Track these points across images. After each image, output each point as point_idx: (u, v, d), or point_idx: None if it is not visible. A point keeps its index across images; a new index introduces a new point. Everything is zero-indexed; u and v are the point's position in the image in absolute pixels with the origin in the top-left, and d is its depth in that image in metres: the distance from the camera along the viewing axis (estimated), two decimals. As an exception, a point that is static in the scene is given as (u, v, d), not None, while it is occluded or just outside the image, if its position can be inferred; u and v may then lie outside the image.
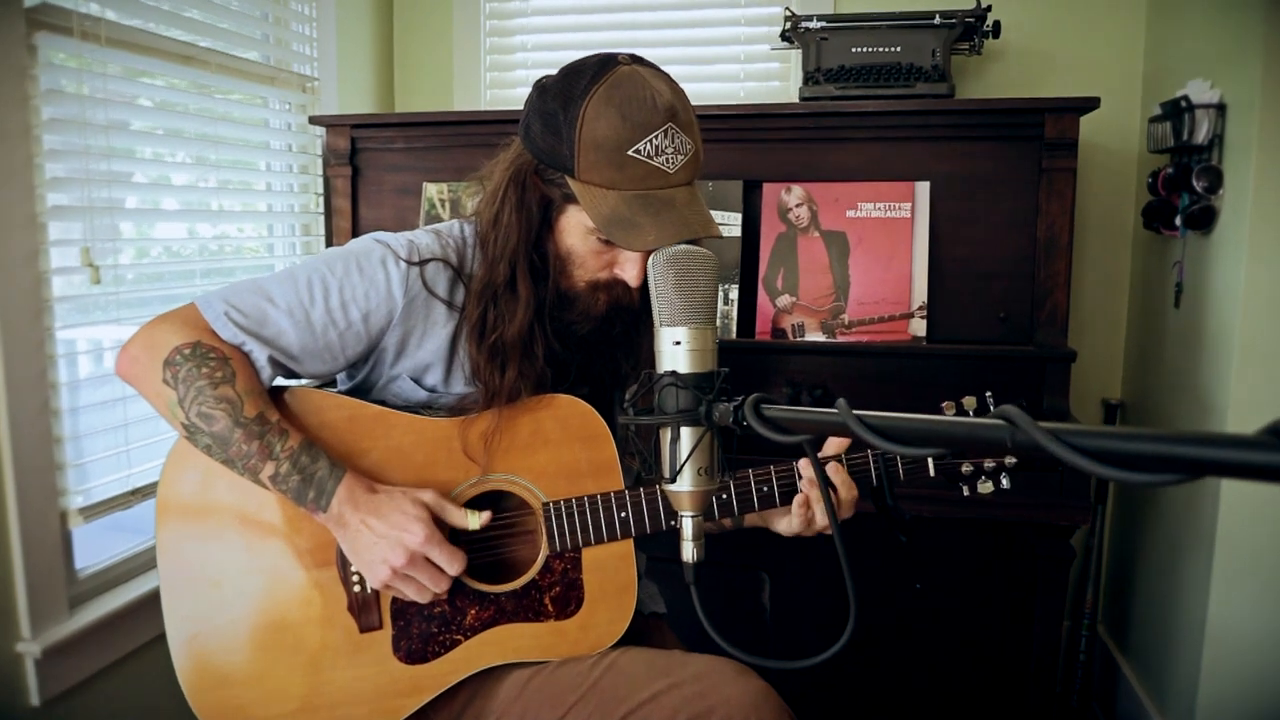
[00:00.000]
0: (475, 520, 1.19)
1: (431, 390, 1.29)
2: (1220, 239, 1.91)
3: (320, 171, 2.37)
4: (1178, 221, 2.01)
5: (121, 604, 1.75)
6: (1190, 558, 1.99)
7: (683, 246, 0.88)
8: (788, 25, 2.22)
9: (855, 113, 2.03)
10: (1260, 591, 1.84)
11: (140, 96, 1.88)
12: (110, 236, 1.75)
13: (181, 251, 2.10)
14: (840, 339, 1.99)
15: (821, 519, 1.25)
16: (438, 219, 2.20)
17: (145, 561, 1.87)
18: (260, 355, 1.20)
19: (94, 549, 1.79)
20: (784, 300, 2.03)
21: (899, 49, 2.14)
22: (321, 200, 2.37)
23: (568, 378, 1.30)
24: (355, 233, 2.26)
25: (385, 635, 1.23)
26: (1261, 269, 1.78)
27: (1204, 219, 1.93)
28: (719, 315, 2.06)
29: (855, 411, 0.61)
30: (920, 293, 1.98)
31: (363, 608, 1.23)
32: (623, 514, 1.26)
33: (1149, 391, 2.29)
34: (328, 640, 1.22)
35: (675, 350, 0.87)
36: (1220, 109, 1.89)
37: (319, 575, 1.23)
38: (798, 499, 1.25)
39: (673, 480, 0.85)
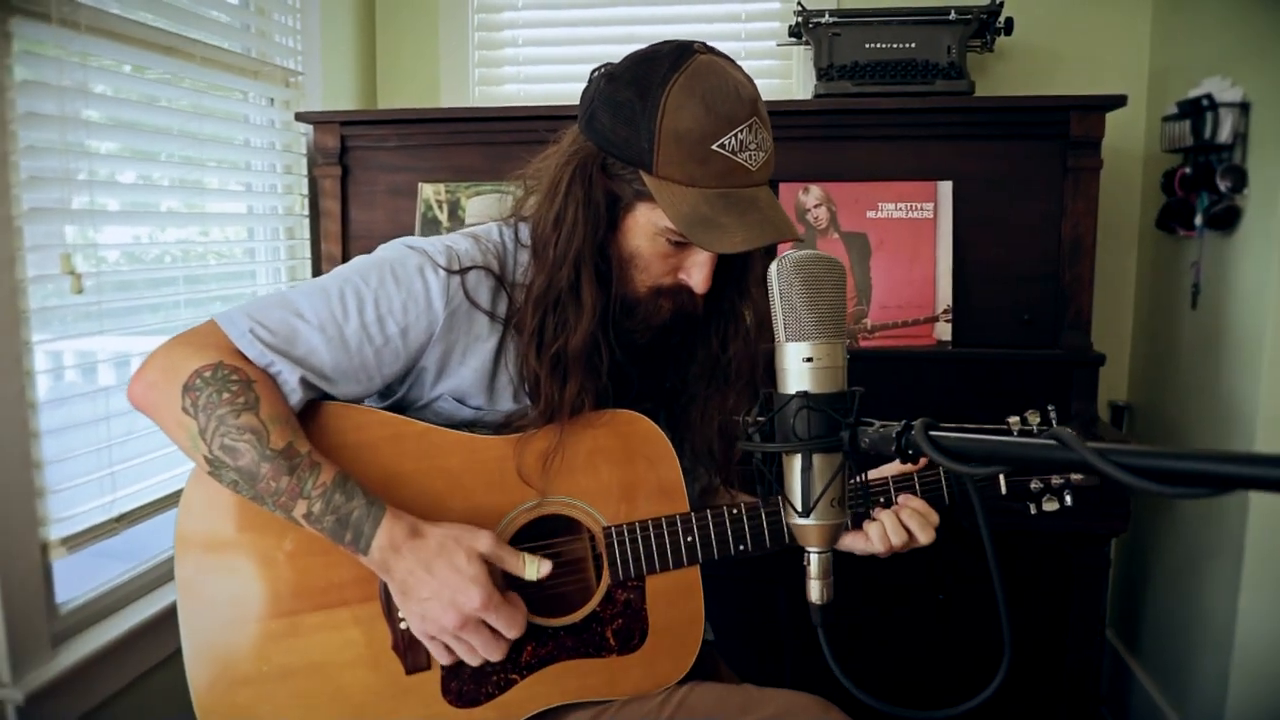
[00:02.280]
0: (535, 570, 1.09)
1: (477, 409, 1.19)
2: (1244, 239, 1.88)
3: (305, 171, 2.24)
4: (1197, 221, 1.98)
5: (109, 639, 1.61)
6: (1214, 563, 1.96)
7: (809, 252, 0.80)
8: (797, 21, 2.15)
9: (874, 110, 1.97)
10: (1293, 597, 1.82)
11: (122, 90, 1.74)
12: (91, 242, 1.61)
13: (163, 258, 1.95)
14: (863, 345, 1.93)
15: (897, 541, 1.18)
16: (435, 221, 2.09)
17: (132, 591, 1.73)
18: (291, 377, 1.08)
19: (75, 580, 1.65)
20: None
21: (913, 45, 2.08)
22: (307, 202, 2.24)
23: (629, 391, 1.20)
24: (345, 237, 2.14)
25: (434, 676, 1.13)
26: (1292, 269, 1.76)
27: (1227, 219, 1.90)
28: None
29: (1095, 445, 0.53)
30: (945, 296, 1.92)
31: (409, 646, 1.12)
32: (689, 539, 1.17)
33: (1161, 394, 2.27)
34: (371, 684, 1.11)
35: (803, 368, 0.78)
36: (1244, 107, 1.87)
37: (360, 611, 1.12)
38: (880, 526, 1.18)
39: (806, 514, 0.77)
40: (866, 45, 2.09)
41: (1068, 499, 1.32)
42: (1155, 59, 2.33)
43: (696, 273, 1.13)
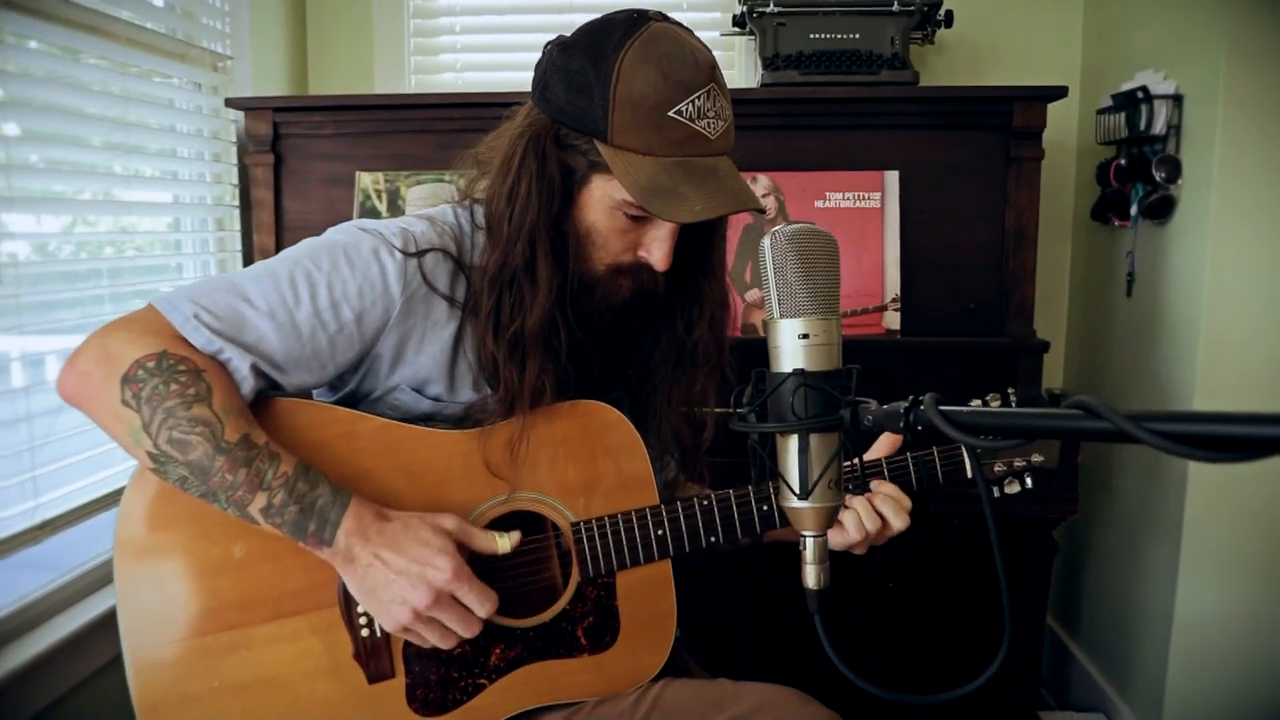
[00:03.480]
0: (506, 542, 1.05)
1: (436, 400, 1.14)
2: (1178, 228, 1.93)
3: (235, 160, 2.14)
4: (1132, 211, 2.03)
5: (35, 652, 1.50)
6: (1153, 543, 2.01)
7: (803, 225, 0.78)
8: (742, 11, 2.14)
9: (822, 99, 1.96)
10: (1229, 576, 1.87)
11: (37, 69, 1.63)
12: (5, 231, 1.50)
13: (79, 252, 1.84)
14: (814, 334, 1.92)
15: (872, 528, 1.16)
16: (373, 211, 2.01)
17: (58, 602, 1.62)
18: (241, 364, 1.02)
19: (-4, 593, 1.54)
20: (753, 294, 1.94)
21: (858, 36, 2.08)
22: (238, 191, 2.14)
23: (590, 377, 1.16)
24: (279, 228, 2.05)
25: (398, 684, 1.07)
26: (1225, 257, 1.81)
27: (1162, 208, 1.94)
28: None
29: (1128, 412, 0.52)
30: (893, 285, 1.93)
31: (371, 653, 1.07)
32: (659, 532, 1.14)
33: (1097, 380, 2.32)
34: (331, 696, 1.05)
35: (798, 345, 0.76)
36: (1177, 99, 1.91)
37: (318, 619, 1.06)
38: (855, 514, 1.16)
39: (805, 496, 0.74)
40: (811, 35, 2.08)
41: (1028, 481, 1.33)
42: (1087, 53, 2.38)
43: (656, 249, 1.10)
